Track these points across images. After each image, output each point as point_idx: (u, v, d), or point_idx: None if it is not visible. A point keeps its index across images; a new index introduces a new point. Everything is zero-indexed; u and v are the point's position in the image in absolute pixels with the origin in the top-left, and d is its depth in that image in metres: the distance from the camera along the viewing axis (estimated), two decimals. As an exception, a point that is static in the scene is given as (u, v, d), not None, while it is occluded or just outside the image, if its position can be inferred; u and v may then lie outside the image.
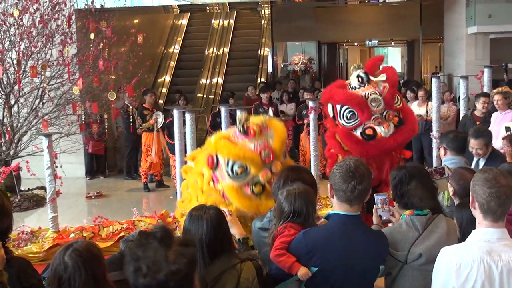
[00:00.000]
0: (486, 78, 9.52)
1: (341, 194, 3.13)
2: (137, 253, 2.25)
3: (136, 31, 10.40)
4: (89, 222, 8.02)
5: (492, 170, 2.89)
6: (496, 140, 7.46)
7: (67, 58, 9.51)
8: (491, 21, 12.20)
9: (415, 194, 3.40)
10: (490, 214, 2.81)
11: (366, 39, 25.33)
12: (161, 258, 2.22)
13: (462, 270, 2.76)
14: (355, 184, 3.08)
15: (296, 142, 12.16)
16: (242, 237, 3.55)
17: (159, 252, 2.23)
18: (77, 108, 9.36)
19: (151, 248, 2.24)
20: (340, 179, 3.11)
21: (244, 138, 4.81)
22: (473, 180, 2.89)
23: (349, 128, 5.54)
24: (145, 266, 2.22)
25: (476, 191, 2.84)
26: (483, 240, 2.82)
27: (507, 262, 2.74)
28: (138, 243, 2.29)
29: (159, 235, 2.29)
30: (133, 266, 2.25)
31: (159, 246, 2.25)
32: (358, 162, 3.17)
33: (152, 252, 2.23)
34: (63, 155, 9.31)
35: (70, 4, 10.17)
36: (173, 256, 2.23)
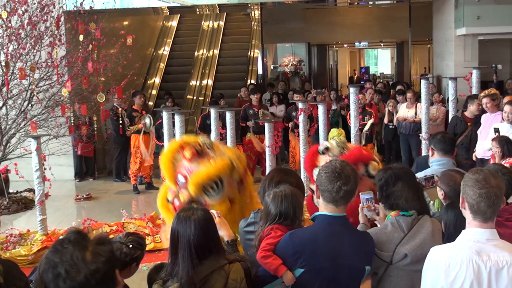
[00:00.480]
0: (474, 80, 9.56)
1: (326, 195, 3.14)
2: (54, 260, 2.24)
3: (126, 33, 10.38)
4: (78, 224, 7.99)
5: (482, 171, 2.90)
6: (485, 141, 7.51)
7: (56, 60, 9.47)
8: (479, 22, 12.26)
9: (401, 196, 3.41)
10: (480, 215, 2.82)
11: (356, 41, 25.38)
12: (78, 260, 2.21)
13: (451, 269, 2.77)
14: (341, 185, 3.09)
15: (286, 143, 12.17)
16: (231, 239, 3.54)
17: (76, 254, 2.23)
18: (66, 110, 9.32)
19: (67, 252, 2.24)
20: (326, 179, 3.12)
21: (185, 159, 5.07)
22: (463, 181, 2.91)
23: None
24: (63, 270, 2.20)
25: (466, 192, 2.85)
26: (473, 240, 2.83)
27: (496, 262, 2.76)
28: (53, 250, 2.29)
29: (73, 238, 2.29)
30: (52, 274, 2.23)
31: (74, 249, 2.24)
32: (344, 163, 3.19)
33: (69, 256, 2.23)
34: (52, 157, 9.28)
35: (59, 6, 10.13)
36: (90, 257, 2.23)
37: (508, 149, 6.32)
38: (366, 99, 11.65)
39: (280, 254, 3.15)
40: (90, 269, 2.21)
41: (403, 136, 10.88)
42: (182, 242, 3.06)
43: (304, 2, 14.74)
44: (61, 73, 9.65)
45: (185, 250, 3.04)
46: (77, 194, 10.53)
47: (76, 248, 2.25)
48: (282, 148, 11.90)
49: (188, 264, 3.01)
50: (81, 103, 9.43)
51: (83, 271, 2.20)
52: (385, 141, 11.68)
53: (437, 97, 11.41)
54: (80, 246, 2.26)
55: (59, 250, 2.26)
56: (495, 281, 2.75)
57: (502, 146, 6.32)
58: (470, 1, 12.36)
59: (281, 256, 3.13)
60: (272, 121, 8.66)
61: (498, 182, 2.84)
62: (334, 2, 15.41)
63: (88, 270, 2.20)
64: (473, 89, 9.49)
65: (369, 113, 11.37)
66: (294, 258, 3.09)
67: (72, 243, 2.27)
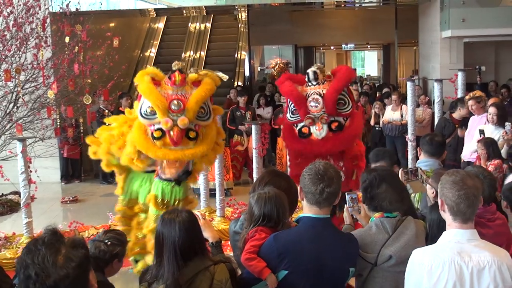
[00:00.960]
0: (460, 82, 9.63)
1: (310, 197, 3.16)
2: (26, 261, 2.23)
3: (112, 34, 10.33)
4: (64, 227, 7.95)
5: (458, 172, 2.94)
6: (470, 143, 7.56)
7: (42, 61, 9.41)
8: (465, 25, 12.36)
9: (385, 198, 3.43)
10: (460, 216, 2.86)
11: (343, 43, 25.49)
12: (49, 264, 2.20)
13: (433, 271, 2.80)
14: (324, 187, 3.11)
15: (273, 145, 12.18)
16: (216, 240, 3.56)
17: (47, 257, 2.21)
18: (52, 112, 9.25)
19: (40, 254, 2.22)
20: (309, 181, 3.14)
21: (168, 83, 5.08)
22: (440, 183, 2.94)
23: (291, 122, 5.58)
24: (33, 273, 2.19)
25: (445, 194, 2.89)
26: (453, 241, 2.87)
27: (477, 262, 2.80)
28: (27, 250, 2.28)
29: (47, 240, 2.27)
30: (23, 275, 2.22)
31: (46, 251, 2.23)
32: (327, 165, 3.21)
33: (41, 258, 2.21)
34: (38, 159, 9.22)
35: (45, 7, 10.07)
36: (61, 261, 2.22)
37: (493, 150, 6.39)
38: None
39: (264, 256, 3.15)
40: (60, 274, 2.19)
41: (389, 138, 10.93)
42: (167, 244, 3.07)
43: (291, 4, 14.76)
44: (47, 75, 9.60)
45: (170, 252, 3.05)
46: (63, 197, 10.47)
47: (49, 251, 2.22)
48: (269, 150, 11.91)
49: (173, 265, 3.02)
50: (67, 105, 9.37)
51: (53, 276, 2.19)
52: (371, 143, 11.74)
53: (423, 99, 11.47)
54: (54, 248, 2.24)
55: (32, 251, 2.24)
56: (477, 281, 2.78)
57: (487, 148, 6.38)
58: (455, 4, 12.46)
59: (265, 258, 3.14)
60: (259, 123, 8.66)
61: (475, 183, 2.88)
62: (321, 4, 15.44)
63: (57, 276, 2.19)
64: (459, 91, 9.56)
65: (355, 115, 11.40)
66: (278, 260, 3.10)
67: (45, 245, 2.25)
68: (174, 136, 4.91)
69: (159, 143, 4.96)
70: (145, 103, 5.08)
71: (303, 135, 5.47)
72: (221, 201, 8.28)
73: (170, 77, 5.11)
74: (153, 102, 4.94)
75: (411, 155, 8.97)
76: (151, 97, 4.96)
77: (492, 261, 2.80)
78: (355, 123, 5.72)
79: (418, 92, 11.70)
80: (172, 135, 4.91)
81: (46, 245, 2.24)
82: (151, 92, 4.98)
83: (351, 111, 5.68)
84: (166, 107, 4.92)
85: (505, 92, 11.47)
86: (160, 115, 4.92)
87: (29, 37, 9.58)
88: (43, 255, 2.21)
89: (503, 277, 2.81)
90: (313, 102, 5.40)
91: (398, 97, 11.05)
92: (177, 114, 4.94)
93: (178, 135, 4.91)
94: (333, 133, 5.43)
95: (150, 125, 5.04)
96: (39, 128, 9.76)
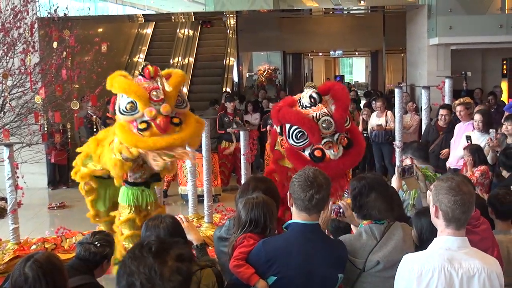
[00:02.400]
0: (447, 89, 9.69)
1: (299, 203, 3.17)
2: (131, 267, 2.18)
3: (100, 40, 10.29)
4: (51, 233, 7.90)
5: (454, 178, 2.94)
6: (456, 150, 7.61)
7: (29, 67, 9.37)
8: (452, 32, 12.46)
9: (374, 206, 3.43)
10: (454, 222, 2.86)
11: (331, 50, 25.57)
12: (156, 275, 2.15)
13: (423, 277, 2.81)
14: (313, 193, 3.12)
15: (262, 151, 12.19)
16: (200, 242, 3.55)
17: (154, 267, 2.16)
18: (39, 117, 9.21)
19: (146, 263, 2.17)
20: (299, 188, 3.15)
21: (141, 80, 5.20)
22: (435, 189, 2.94)
23: (298, 148, 5.32)
24: (138, 282, 2.14)
25: (440, 200, 2.88)
26: (444, 248, 2.87)
27: (467, 270, 2.80)
28: (132, 256, 2.21)
29: (154, 249, 2.23)
30: (126, 281, 2.17)
31: (153, 260, 2.18)
32: (317, 172, 3.22)
33: (147, 268, 2.16)
34: (25, 165, 9.16)
35: (33, 13, 10.03)
36: (168, 273, 2.17)
37: (479, 157, 6.44)
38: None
39: (252, 262, 3.16)
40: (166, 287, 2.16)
41: (376, 145, 10.98)
42: None
43: (279, 11, 14.79)
44: (35, 80, 9.54)
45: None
46: (50, 203, 10.41)
47: (155, 260, 2.16)
48: (257, 156, 11.92)
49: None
50: (54, 111, 9.32)
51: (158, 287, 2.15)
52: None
53: (411, 105, 11.53)
54: (160, 258, 2.17)
55: (137, 257, 2.17)
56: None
57: (474, 155, 6.43)
58: (442, 12, 12.57)
59: (254, 264, 3.14)
60: (248, 130, 8.67)
61: (469, 189, 2.90)
62: (309, 11, 15.48)
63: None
64: (446, 98, 9.62)
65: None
66: (267, 265, 3.11)
67: (152, 254, 2.18)
68: (161, 123, 5.00)
69: (147, 134, 5.03)
70: (123, 101, 5.17)
71: (318, 159, 5.20)
72: (209, 207, 8.26)
73: (143, 73, 5.25)
74: (134, 94, 5.05)
75: (398, 161, 9.00)
76: (131, 90, 5.07)
77: (481, 269, 2.81)
78: (358, 135, 5.67)
79: (406, 99, 11.76)
80: (159, 123, 5.00)
81: (153, 254, 2.20)
82: (130, 86, 5.10)
83: (351, 125, 5.63)
84: (147, 97, 5.04)
85: (491, 99, 11.55)
86: (142, 106, 5.02)
87: (16, 42, 9.53)
88: (149, 265, 2.16)
89: (492, 285, 2.82)
90: (325, 124, 5.24)
91: (383, 104, 11.10)
92: (158, 103, 5.06)
93: (165, 121, 5.02)
94: (345, 150, 5.33)
95: (132, 122, 5.12)
96: (26, 133, 9.70)
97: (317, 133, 5.16)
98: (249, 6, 13.52)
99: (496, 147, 6.81)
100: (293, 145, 5.28)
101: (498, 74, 15.17)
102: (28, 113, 9.65)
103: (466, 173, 6.42)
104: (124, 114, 5.14)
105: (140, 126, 5.04)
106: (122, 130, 5.13)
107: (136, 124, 5.07)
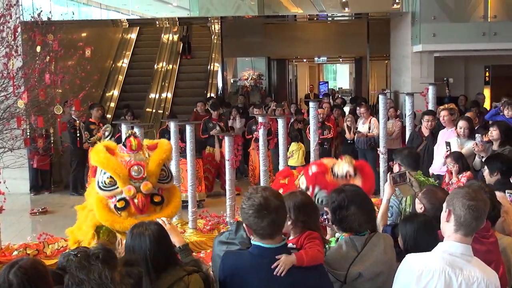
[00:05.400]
0: (430, 95, 9.75)
1: (260, 232, 3.00)
2: (79, 277, 2.16)
3: (84, 44, 10.23)
4: (34, 239, 7.83)
5: (473, 184, 2.99)
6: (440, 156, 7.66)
7: (12, 71, 9.27)
8: (435, 40, 12.56)
9: (354, 220, 3.41)
10: (464, 227, 2.88)
11: (315, 56, 25.65)
12: (107, 280, 2.14)
13: (423, 277, 2.84)
14: (274, 218, 2.96)
15: (246, 157, 12.18)
16: (182, 244, 3.54)
17: (104, 273, 2.15)
18: (21, 122, 9.12)
19: (95, 270, 2.16)
20: (255, 218, 2.96)
21: (124, 151, 4.83)
22: (451, 194, 2.97)
23: None
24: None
25: (455, 204, 2.91)
26: (448, 252, 2.91)
27: (468, 277, 2.84)
28: (79, 266, 2.19)
29: (102, 256, 2.21)
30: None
31: (102, 267, 2.17)
32: (266, 193, 3.01)
33: (97, 274, 2.15)
34: (7, 170, 9.05)
35: (16, 16, 9.93)
36: (119, 278, 2.16)
37: (462, 163, 6.49)
38: (324, 113, 11.75)
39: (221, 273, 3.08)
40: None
41: (361, 151, 11.02)
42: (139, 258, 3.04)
43: (264, 17, 14.82)
44: (17, 84, 9.44)
45: (142, 266, 3.02)
46: (32, 208, 10.32)
47: (104, 266, 2.14)
48: (241, 162, 11.91)
49: (146, 279, 2.98)
50: (37, 115, 9.24)
51: None
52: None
53: (393, 111, 11.60)
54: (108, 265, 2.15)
55: (85, 267, 2.16)
56: None
57: (458, 162, 6.47)
58: (426, 19, 12.67)
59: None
60: (232, 135, 8.66)
61: (485, 198, 2.96)
62: (293, 17, 15.54)
63: None
64: (429, 105, 9.68)
65: (328, 127, 11.50)
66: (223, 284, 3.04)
67: (100, 261, 2.16)
68: (139, 203, 4.66)
69: (124, 213, 4.70)
70: (103, 175, 4.79)
71: None
72: (194, 213, 8.23)
73: (125, 144, 4.86)
74: (112, 171, 4.68)
75: (382, 167, 9.04)
76: (109, 166, 4.70)
77: (481, 279, 2.85)
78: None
79: (390, 105, 11.83)
80: (137, 203, 4.66)
81: (101, 261, 2.17)
82: (109, 161, 4.71)
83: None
84: (126, 174, 4.68)
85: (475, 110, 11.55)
86: (121, 184, 4.67)
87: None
88: (98, 271, 2.13)
89: None
90: None
91: (366, 110, 11.16)
92: (139, 180, 4.70)
93: (143, 201, 4.67)
94: None
95: (111, 197, 4.76)
96: (8, 138, 9.60)
97: None
98: (234, 12, 13.55)
99: (481, 152, 6.85)
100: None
101: (480, 81, 15.32)
102: (10, 118, 9.55)
103: (451, 180, 6.45)
104: (103, 190, 4.76)
105: (118, 205, 4.69)
106: (99, 206, 4.76)
107: (115, 201, 4.73)
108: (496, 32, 12.49)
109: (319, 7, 14.08)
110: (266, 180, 8.62)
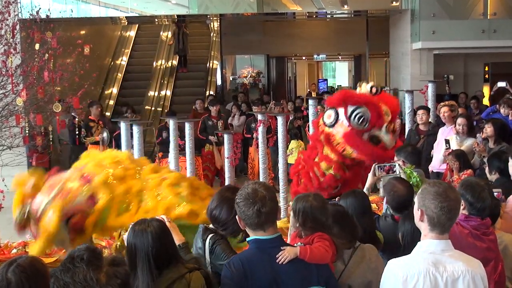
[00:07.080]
0: (430, 93, 9.74)
1: (250, 222, 3.05)
2: (64, 280, 2.13)
3: (83, 42, 10.23)
4: (31, 237, 7.80)
5: (441, 183, 2.94)
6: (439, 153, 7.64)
7: (11, 68, 9.26)
8: (435, 37, 12.56)
9: (340, 238, 3.41)
10: (439, 227, 2.87)
11: (314, 53, 25.63)
12: (93, 282, 2.11)
13: (408, 281, 2.82)
14: (259, 207, 3.01)
15: (245, 155, 12.16)
16: (182, 242, 3.55)
17: (89, 275, 2.12)
18: (20, 120, 9.11)
19: (80, 272, 2.13)
20: (244, 207, 3.04)
21: None
22: (421, 193, 2.94)
23: (359, 131, 5.38)
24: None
25: (426, 205, 2.88)
26: (428, 252, 2.89)
27: (452, 273, 2.82)
28: (63, 269, 2.17)
29: (86, 257, 2.19)
30: None
31: (87, 268, 2.14)
32: (255, 185, 3.09)
33: (81, 276, 2.12)
34: (6, 168, 9.06)
35: (14, 14, 9.91)
36: (105, 278, 2.14)
37: (463, 161, 6.48)
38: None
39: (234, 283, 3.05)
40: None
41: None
42: (140, 255, 3.03)
43: (263, 14, 14.82)
44: (16, 82, 9.43)
45: (144, 263, 3.01)
46: (32, 206, 10.28)
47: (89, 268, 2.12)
48: (241, 160, 11.89)
49: (147, 276, 2.99)
50: (36, 113, 9.23)
51: None
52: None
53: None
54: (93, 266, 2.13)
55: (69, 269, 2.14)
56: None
57: (459, 160, 6.46)
58: (425, 16, 12.66)
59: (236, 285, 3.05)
60: (232, 133, 8.64)
61: (456, 195, 2.91)
62: (292, 14, 15.55)
63: None
64: (429, 102, 9.66)
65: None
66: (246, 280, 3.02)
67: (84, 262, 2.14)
68: None
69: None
70: None
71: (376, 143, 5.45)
72: (193, 211, 8.19)
73: None
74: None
75: (382, 165, 9.00)
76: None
77: (466, 271, 2.83)
78: None
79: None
80: None
81: (85, 262, 2.14)
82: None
83: None
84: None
85: (474, 103, 11.62)
86: None
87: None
88: (83, 273, 2.11)
89: (476, 287, 2.84)
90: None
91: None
92: None
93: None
94: None
95: None
96: (7, 136, 9.59)
97: (381, 116, 5.31)
98: (233, 9, 13.55)
99: (482, 151, 6.84)
100: (354, 127, 5.36)
101: (480, 79, 15.33)
102: (9, 116, 9.54)
103: (453, 177, 6.44)
104: None
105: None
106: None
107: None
108: (496, 29, 12.50)
109: (318, 4, 14.10)
110: (265, 178, 8.61)
